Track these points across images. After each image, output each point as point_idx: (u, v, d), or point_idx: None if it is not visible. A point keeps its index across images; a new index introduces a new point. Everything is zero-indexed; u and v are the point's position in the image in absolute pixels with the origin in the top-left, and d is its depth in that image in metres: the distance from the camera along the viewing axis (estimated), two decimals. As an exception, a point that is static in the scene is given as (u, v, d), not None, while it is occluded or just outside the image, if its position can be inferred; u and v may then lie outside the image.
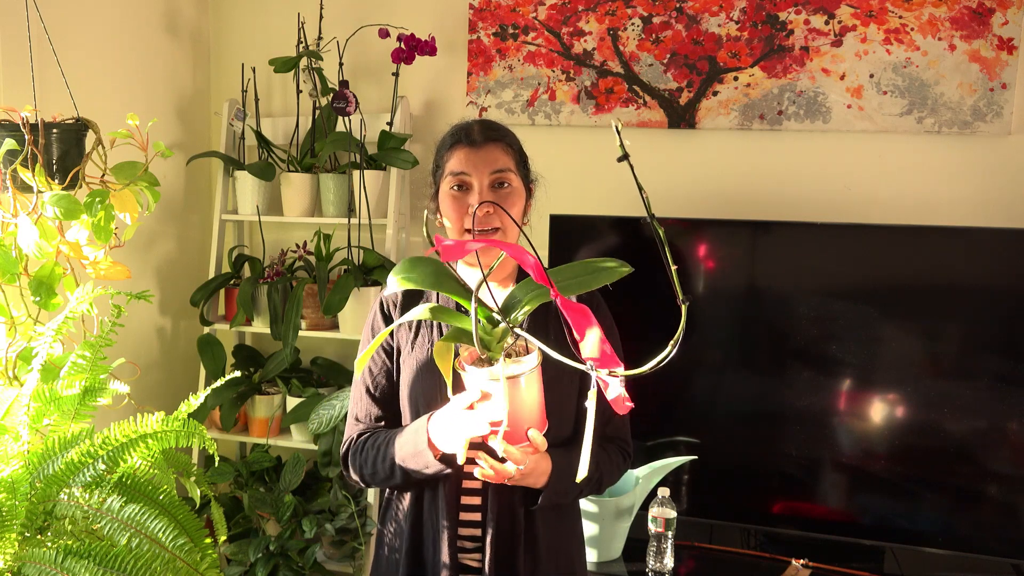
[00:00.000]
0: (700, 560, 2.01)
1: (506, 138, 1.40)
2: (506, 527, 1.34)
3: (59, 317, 1.22)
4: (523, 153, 1.43)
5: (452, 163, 1.37)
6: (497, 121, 1.44)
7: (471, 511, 1.36)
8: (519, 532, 1.34)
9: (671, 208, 2.22)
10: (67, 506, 1.00)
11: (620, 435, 1.45)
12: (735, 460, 2.04)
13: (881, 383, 1.92)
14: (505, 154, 1.37)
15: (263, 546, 2.18)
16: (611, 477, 1.43)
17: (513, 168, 1.37)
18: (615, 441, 1.44)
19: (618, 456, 1.44)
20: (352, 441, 1.42)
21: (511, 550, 1.33)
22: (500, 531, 1.33)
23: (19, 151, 1.33)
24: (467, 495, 1.36)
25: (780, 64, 2.12)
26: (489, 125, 1.40)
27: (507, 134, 1.41)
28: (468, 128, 1.39)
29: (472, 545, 1.36)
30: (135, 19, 2.31)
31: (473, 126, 1.39)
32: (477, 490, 1.36)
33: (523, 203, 1.40)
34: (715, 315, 2.04)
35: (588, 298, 1.38)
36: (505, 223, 1.32)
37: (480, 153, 1.35)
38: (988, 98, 2.00)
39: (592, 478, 1.36)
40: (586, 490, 1.41)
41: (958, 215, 2.05)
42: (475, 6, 2.30)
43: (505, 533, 1.33)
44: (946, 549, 1.89)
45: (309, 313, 2.31)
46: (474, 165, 1.35)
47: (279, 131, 2.48)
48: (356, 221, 2.30)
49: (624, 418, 1.44)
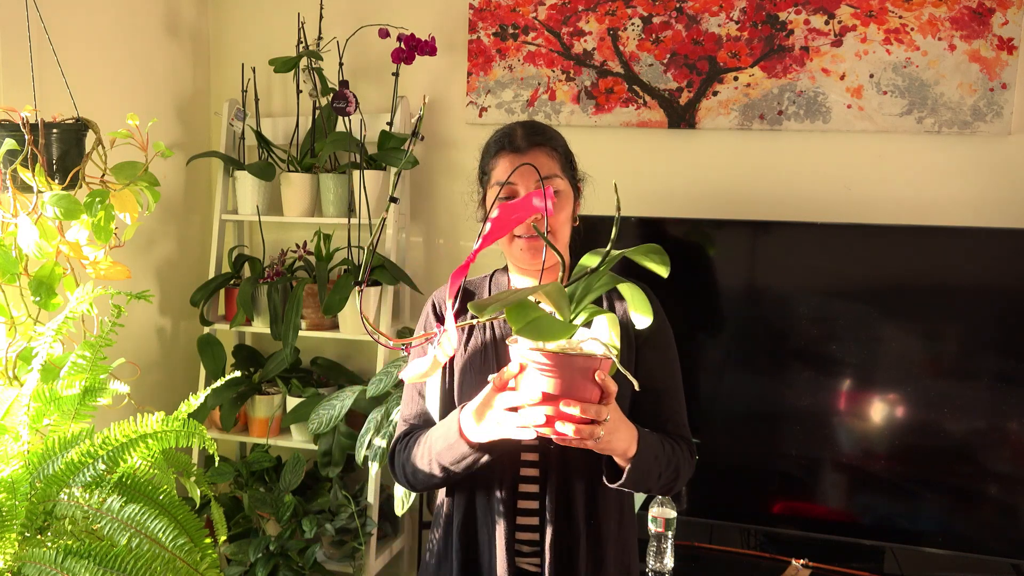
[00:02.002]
0: (700, 560, 2.01)
1: (551, 141, 1.37)
2: (565, 528, 1.30)
3: (59, 317, 1.22)
4: (569, 153, 1.41)
5: (498, 171, 1.35)
6: (540, 122, 1.42)
7: (528, 515, 1.32)
8: (578, 535, 1.30)
9: (671, 208, 2.22)
10: (67, 506, 1.00)
11: (682, 433, 1.39)
12: (735, 460, 2.04)
13: (881, 383, 1.92)
14: (550, 158, 1.35)
15: (263, 546, 2.18)
16: (685, 472, 1.35)
17: (559, 171, 1.35)
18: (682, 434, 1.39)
19: (686, 452, 1.37)
20: (399, 441, 1.39)
21: (571, 554, 1.30)
22: (559, 534, 1.29)
23: (19, 151, 1.33)
24: (524, 499, 1.32)
25: (780, 64, 2.12)
26: (533, 129, 1.38)
27: (552, 136, 1.39)
28: (512, 133, 1.37)
29: (529, 549, 1.33)
30: (135, 19, 2.31)
31: (517, 130, 1.37)
32: (534, 494, 1.32)
33: (571, 205, 1.38)
34: (715, 315, 2.04)
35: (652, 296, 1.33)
36: (553, 227, 1.32)
37: (526, 160, 1.33)
38: (988, 98, 2.00)
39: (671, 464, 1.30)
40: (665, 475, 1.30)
41: (958, 215, 2.05)
42: (475, 6, 2.30)
43: (564, 536, 1.30)
44: (946, 549, 1.89)
45: (309, 313, 2.31)
46: (520, 173, 1.33)
47: (279, 131, 2.48)
48: (356, 221, 2.30)
49: (684, 417, 1.40)
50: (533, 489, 1.32)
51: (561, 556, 1.30)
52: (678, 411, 1.40)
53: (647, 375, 1.35)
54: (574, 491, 1.31)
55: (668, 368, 1.39)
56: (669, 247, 1.11)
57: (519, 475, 1.32)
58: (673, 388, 1.40)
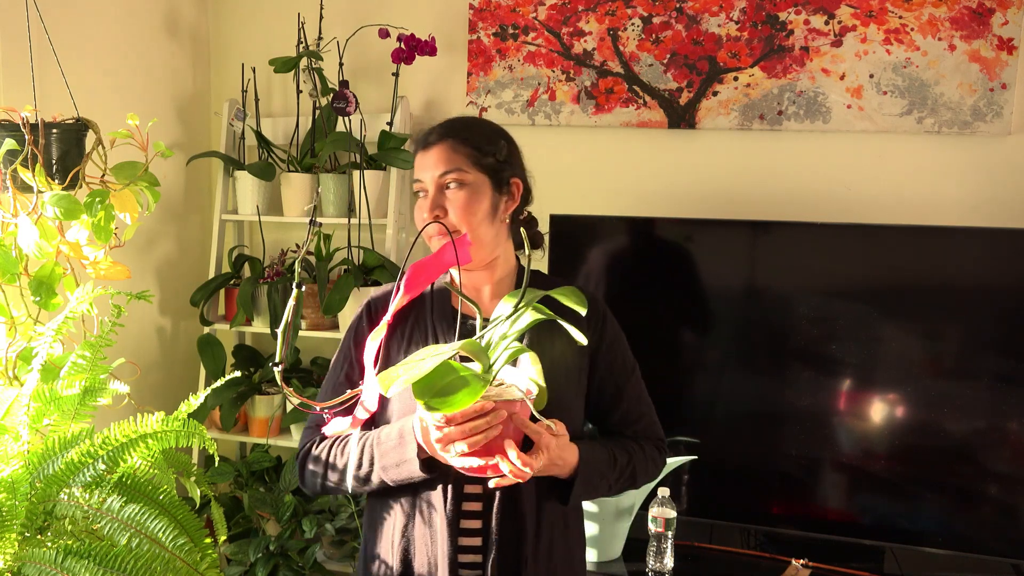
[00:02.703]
0: (700, 560, 2.01)
1: (461, 133, 1.31)
2: (510, 550, 1.27)
3: (59, 317, 1.22)
4: (490, 145, 1.32)
5: (415, 172, 1.34)
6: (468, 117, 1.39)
7: (471, 535, 1.28)
8: (525, 556, 1.27)
9: (671, 208, 2.22)
10: (67, 506, 1.00)
11: (652, 432, 1.41)
12: (735, 460, 2.04)
13: (881, 383, 1.92)
14: (455, 152, 1.29)
15: (263, 546, 2.18)
16: (646, 470, 1.38)
17: (467, 165, 1.29)
18: (650, 434, 1.41)
19: (652, 450, 1.39)
20: (314, 443, 1.35)
21: (516, 564, 1.28)
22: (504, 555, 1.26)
23: (19, 151, 1.33)
24: (467, 518, 1.28)
25: (780, 64, 2.12)
26: (448, 124, 1.33)
27: (466, 128, 1.32)
28: (428, 130, 1.34)
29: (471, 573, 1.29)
30: (135, 19, 2.31)
31: (435, 127, 1.33)
32: (477, 512, 1.28)
33: (488, 198, 1.30)
34: (715, 315, 2.04)
35: (593, 308, 1.35)
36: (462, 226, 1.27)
37: (429, 155, 1.30)
38: (988, 98, 2.00)
39: (624, 471, 1.32)
40: (619, 483, 1.34)
41: (958, 215, 2.05)
42: (475, 6, 2.30)
43: (509, 558, 1.27)
44: (946, 549, 1.89)
45: (309, 313, 2.31)
46: (424, 169, 1.31)
47: (279, 131, 2.48)
48: (356, 221, 2.30)
49: (652, 415, 1.42)
50: (476, 507, 1.28)
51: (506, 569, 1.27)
52: (644, 411, 1.41)
53: (604, 380, 1.37)
54: (520, 509, 1.28)
55: (624, 369, 1.39)
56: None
57: (463, 493, 1.28)
58: (633, 387, 1.40)
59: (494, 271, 1.36)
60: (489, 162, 1.31)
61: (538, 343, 1.29)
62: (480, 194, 1.30)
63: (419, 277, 1.16)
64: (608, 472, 1.31)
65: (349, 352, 1.38)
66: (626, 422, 1.39)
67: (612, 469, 1.32)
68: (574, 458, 1.26)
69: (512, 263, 1.40)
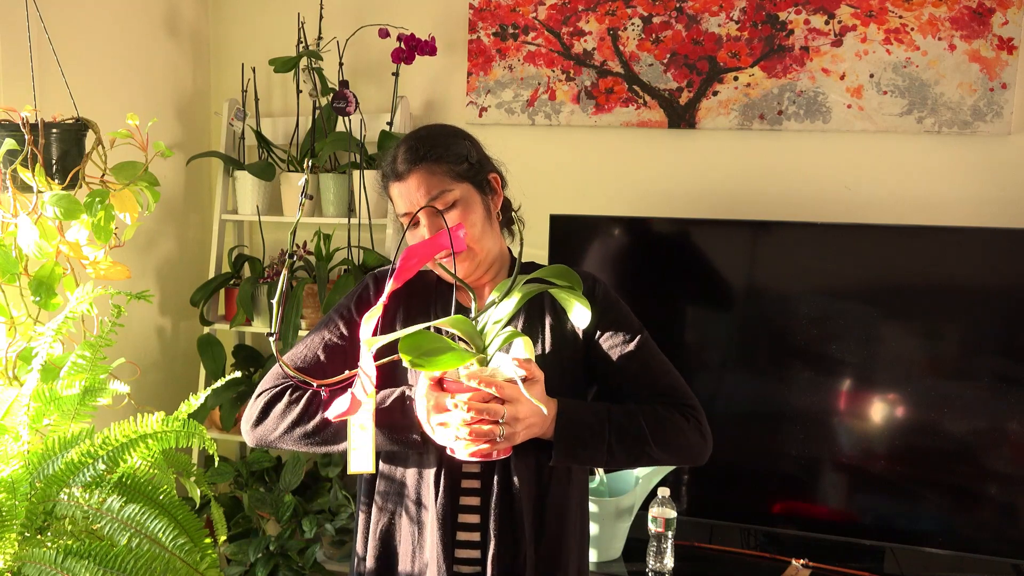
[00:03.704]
0: (700, 560, 2.01)
1: (429, 153, 1.28)
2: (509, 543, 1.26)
3: (59, 317, 1.22)
4: (465, 152, 1.31)
5: (396, 205, 1.32)
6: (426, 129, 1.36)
7: (469, 530, 1.27)
8: (524, 550, 1.26)
9: (671, 208, 2.22)
10: (67, 506, 1.00)
11: (676, 394, 1.31)
12: (735, 460, 2.03)
13: (881, 383, 1.92)
14: (433, 174, 1.28)
15: (263, 546, 2.18)
16: (663, 433, 1.25)
17: (450, 181, 1.28)
18: (671, 399, 1.30)
19: (670, 411, 1.28)
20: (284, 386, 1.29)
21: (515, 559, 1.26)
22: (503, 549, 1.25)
23: (19, 151, 1.34)
24: (464, 512, 1.27)
25: (780, 64, 2.12)
26: (414, 145, 1.30)
27: (435, 145, 1.30)
28: (395, 159, 1.31)
29: (470, 569, 1.27)
30: (135, 19, 2.31)
31: (399, 154, 1.30)
32: (475, 507, 1.27)
33: (479, 204, 1.31)
34: (715, 315, 2.04)
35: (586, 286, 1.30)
36: (466, 238, 1.27)
37: (407, 185, 1.28)
38: (988, 98, 2.00)
39: (626, 429, 1.23)
40: (625, 444, 1.23)
41: (958, 215, 2.05)
42: (475, 6, 2.30)
43: (508, 551, 1.25)
44: (946, 549, 1.89)
45: (309, 313, 2.31)
46: (408, 200, 1.29)
47: (279, 131, 2.48)
48: (356, 221, 2.30)
49: (670, 380, 1.32)
50: (474, 502, 1.27)
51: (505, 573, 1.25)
52: (671, 382, 1.32)
53: (606, 352, 1.32)
54: (519, 501, 1.25)
55: (626, 338, 1.32)
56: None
57: (459, 487, 1.27)
58: (653, 361, 1.33)
59: (494, 267, 1.38)
60: (464, 169, 1.30)
61: (530, 328, 1.31)
62: (472, 203, 1.30)
63: (412, 260, 1.15)
64: (601, 428, 1.23)
65: (346, 312, 1.36)
66: (639, 390, 1.30)
67: (605, 426, 1.23)
68: (554, 410, 1.21)
69: (507, 255, 1.41)
